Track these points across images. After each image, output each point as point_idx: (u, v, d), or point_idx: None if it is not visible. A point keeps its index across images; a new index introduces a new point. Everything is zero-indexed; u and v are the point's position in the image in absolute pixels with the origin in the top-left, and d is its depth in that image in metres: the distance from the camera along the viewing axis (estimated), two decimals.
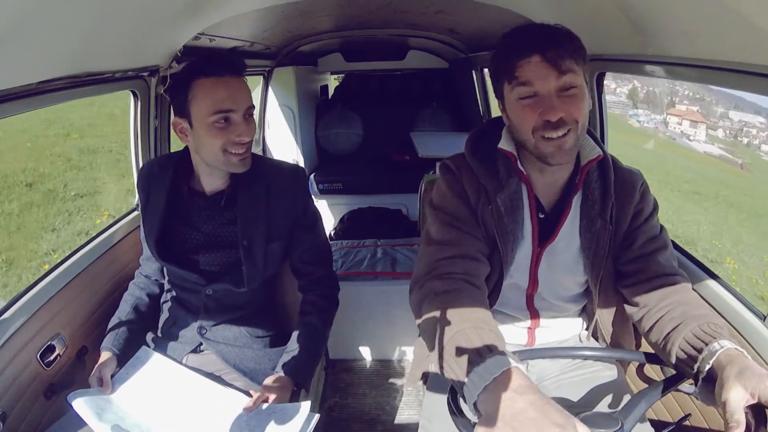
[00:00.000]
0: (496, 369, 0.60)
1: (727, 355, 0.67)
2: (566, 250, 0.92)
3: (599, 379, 0.99)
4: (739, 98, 41.09)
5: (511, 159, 0.89)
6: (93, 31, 0.86)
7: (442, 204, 0.91)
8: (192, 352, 1.13)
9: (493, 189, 0.88)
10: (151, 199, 1.12)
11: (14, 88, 0.81)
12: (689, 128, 39.86)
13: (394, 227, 2.99)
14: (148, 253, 1.18)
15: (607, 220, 0.89)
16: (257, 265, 1.08)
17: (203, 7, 1.23)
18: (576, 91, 0.78)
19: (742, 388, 0.60)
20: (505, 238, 0.89)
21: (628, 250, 0.91)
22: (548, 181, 0.91)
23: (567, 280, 0.95)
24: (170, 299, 1.19)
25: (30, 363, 1.00)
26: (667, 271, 0.87)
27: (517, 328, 1.03)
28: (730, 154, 30.61)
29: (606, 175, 0.90)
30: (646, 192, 0.93)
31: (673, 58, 0.91)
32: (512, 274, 0.93)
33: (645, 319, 0.85)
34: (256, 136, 3.04)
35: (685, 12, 0.76)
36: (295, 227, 1.12)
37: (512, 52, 0.80)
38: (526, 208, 0.90)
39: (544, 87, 0.78)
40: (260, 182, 1.08)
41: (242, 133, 0.96)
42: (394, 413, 1.82)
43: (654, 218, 0.92)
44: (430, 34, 2.58)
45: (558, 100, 0.77)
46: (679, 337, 0.75)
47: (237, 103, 0.95)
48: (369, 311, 1.99)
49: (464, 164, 0.92)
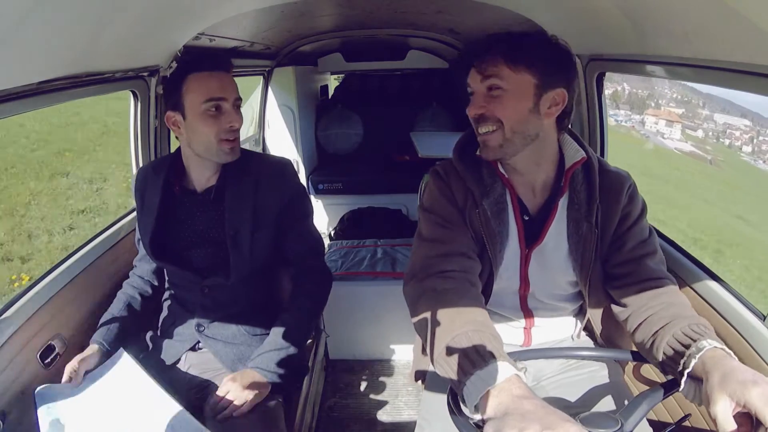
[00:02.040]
0: (500, 374, 0.61)
1: (712, 356, 0.67)
2: (555, 252, 0.93)
3: (597, 379, 0.99)
4: (728, 102, 42.34)
5: (492, 163, 0.92)
6: (93, 31, 0.86)
7: (433, 207, 0.94)
8: (190, 350, 1.13)
9: (480, 193, 0.91)
10: (146, 201, 1.14)
11: (14, 88, 0.81)
12: (665, 127, 42.12)
13: (394, 227, 3.00)
14: (142, 253, 1.20)
15: (592, 223, 0.90)
16: (243, 254, 1.09)
17: (203, 7, 1.23)
18: (499, 93, 0.84)
19: (727, 397, 0.61)
20: (492, 240, 0.91)
21: (617, 254, 0.92)
22: (528, 183, 0.92)
23: (559, 280, 0.96)
24: (169, 297, 1.20)
25: (30, 363, 1.00)
26: (655, 274, 0.88)
27: (512, 329, 1.04)
28: (700, 150, 32.92)
29: (591, 177, 0.91)
30: (634, 194, 0.93)
31: (673, 58, 0.91)
32: (502, 274, 0.94)
33: (632, 318, 0.86)
34: (256, 136, 3.05)
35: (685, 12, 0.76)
36: (284, 215, 1.13)
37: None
38: (510, 210, 0.92)
39: (474, 87, 0.88)
40: (249, 176, 1.11)
41: (233, 120, 1.04)
42: (394, 413, 1.82)
43: (642, 221, 0.93)
44: (430, 34, 2.58)
45: (486, 98, 0.85)
46: (667, 334, 0.76)
47: (227, 93, 1.03)
48: (369, 311, 1.99)
49: (452, 169, 0.95)
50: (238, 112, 1.06)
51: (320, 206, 3.31)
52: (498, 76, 0.83)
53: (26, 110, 0.91)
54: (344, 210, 3.23)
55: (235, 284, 1.11)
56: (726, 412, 0.60)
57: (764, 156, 45.49)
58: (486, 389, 0.61)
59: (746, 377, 0.61)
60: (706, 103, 43.81)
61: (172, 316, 1.17)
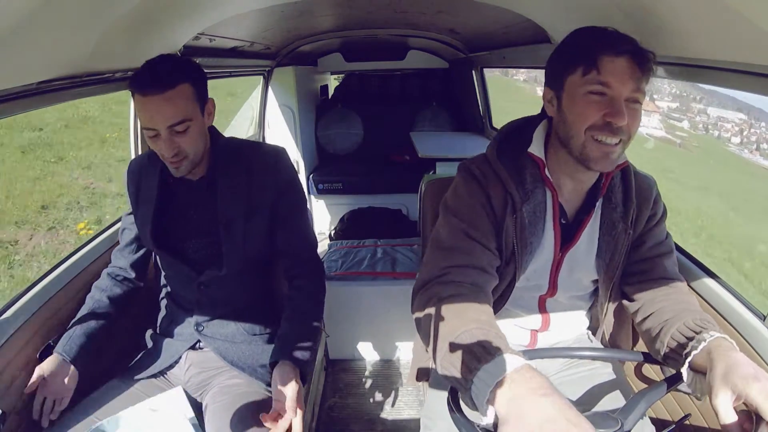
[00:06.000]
0: (510, 364, 0.58)
1: (717, 346, 0.68)
2: (587, 252, 0.92)
3: (598, 378, 0.99)
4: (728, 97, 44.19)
5: (540, 165, 0.86)
6: (93, 31, 0.86)
7: (460, 210, 0.87)
8: (191, 349, 1.13)
9: (520, 199, 0.85)
10: (142, 189, 1.12)
11: (14, 88, 0.81)
12: (642, 117, 47.74)
13: (394, 227, 2.99)
14: (123, 244, 1.19)
15: (628, 224, 0.90)
16: (236, 242, 1.07)
17: (203, 7, 1.23)
18: (639, 108, 0.78)
19: (729, 390, 0.61)
20: (523, 250, 0.87)
21: (636, 252, 0.93)
22: (575, 187, 0.89)
23: (585, 279, 0.96)
24: (166, 295, 1.19)
25: (30, 363, 1.00)
26: (669, 275, 0.90)
27: (521, 330, 1.03)
28: (671, 135, 36.16)
29: (628, 180, 0.91)
30: (659, 198, 0.94)
31: (673, 58, 0.91)
32: (529, 279, 0.93)
33: (641, 310, 0.88)
34: (256, 136, 3.05)
35: (684, 12, 0.76)
36: (278, 202, 1.11)
37: (601, 44, 0.76)
38: (549, 216, 0.89)
39: (621, 89, 0.75)
40: (240, 164, 1.09)
41: (163, 150, 0.98)
42: (394, 413, 1.82)
43: (663, 223, 0.94)
44: (430, 34, 2.58)
45: (625, 108, 0.75)
46: (673, 326, 0.78)
47: (157, 124, 0.95)
48: (369, 311, 1.99)
49: (490, 171, 0.88)
50: (174, 138, 0.97)
51: (320, 206, 3.31)
52: (643, 92, 0.77)
53: (26, 110, 0.91)
54: (344, 210, 3.23)
55: (230, 279, 1.10)
56: (727, 404, 0.61)
57: (751, 146, 46.63)
58: (495, 382, 0.57)
59: (748, 372, 0.61)
60: (702, 98, 45.42)
61: (170, 315, 1.17)
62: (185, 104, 0.96)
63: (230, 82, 6.89)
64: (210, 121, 1.06)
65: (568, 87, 0.80)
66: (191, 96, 0.98)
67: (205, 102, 1.03)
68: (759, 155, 45.18)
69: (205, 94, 1.04)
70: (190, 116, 0.97)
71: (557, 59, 0.83)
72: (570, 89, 0.79)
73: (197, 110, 1.00)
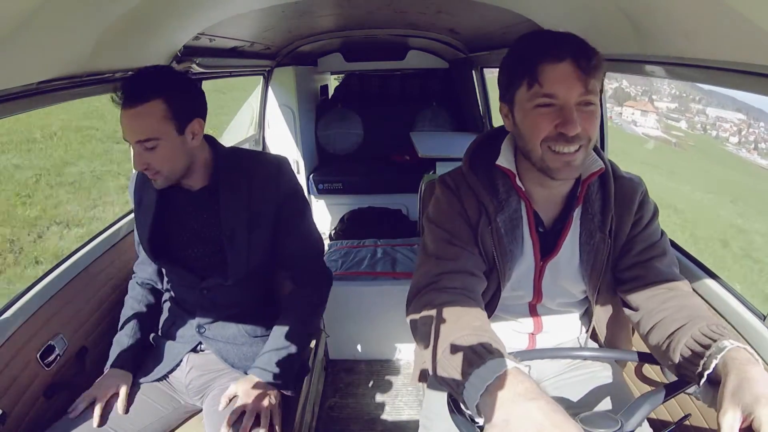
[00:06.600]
0: (498, 369, 0.58)
1: (734, 357, 0.63)
2: (569, 262, 0.91)
3: (598, 380, 0.99)
4: (727, 97, 45.42)
5: (510, 176, 0.86)
6: (93, 31, 0.86)
7: (440, 221, 0.89)
8: (192, 351, 1.13)
9: (494, 209, 0.86)
10: (143, 200, 1.13)
11: (14, 88, 0.81)
12: (639, 117, 47.25)
13: (394, 227, 2.99)
14: (143, 256, 1.19)
15: (606, 233, 0.88)
16: (241, 253, 1.08)
17: (203, 7, 1.23)
18: (593, 108, 0.76)
19: (738, 408, 0.57)
20: (503, 258, 0.88)
21: (625, 257, 0.90)
22: (549, 196, 0.88)
23: (571, 288, 0.95)
24: (169, 299, 1.19)
25: (30, 363, 1.00)
26: (665, 277, 0.86)
27: (517, 334, 1.03)
28: (667, 135, 37.35)
29: (606, 187, 0.89)
30: (645, 199, 0.91)
31: (672, 58, 0.90)
32: (514, 288, 0.92)
33: (645, 320, 0.83)
34: (257, 136, 3.05)
35: (684, 12, 0.76)
36: (280, 214, 1.11)
37: (539, 53, 0.74)
38: (525, 225, 0.89)
39: (568, 97, 0.73)
40: (241, 174, 1.09)
41: (135, 163, 0.98)
42: (394, 413, 1.82)
43: (653, 224, 0.91)
44: (430, 34, 2.58)
45: (577, 113, 0.73)
46: (684, 336, 0.73)
47: (127, 137, 0.97)
48: (369, 311, 1.99)
49: (463, 182, 0.89)
50: (143, 153, 0.96)
51: (320, 206, 3.31)
52: (595, 90, 0.75)
53: (26, 110, 0.91)
54: (344, 210, 3.23)
55: (234, 285, 1.10)
56: (733, 425, 0.57)
57: (749, 146, 47.23)
58: (485, 386, 0.57)
59: (760, 391, 0.57)
60: (701, 98, 46.32)
61: (172, 318, 1.17)
62: (153, 122, 0.95)
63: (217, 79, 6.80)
64: (194, 141, 1.02)
65: (517, 102, 0.79)
66: (163, 114, 0.95)
67: (186, 120, 0.98)
68: (756, 154, 45.91)
69: (188, 111, 0.99)
70: (157, 135, 0.95)
71: (503, 73, 0.82)
72: (519, 104, 0.79)
73: (170, 128, 0.96)
